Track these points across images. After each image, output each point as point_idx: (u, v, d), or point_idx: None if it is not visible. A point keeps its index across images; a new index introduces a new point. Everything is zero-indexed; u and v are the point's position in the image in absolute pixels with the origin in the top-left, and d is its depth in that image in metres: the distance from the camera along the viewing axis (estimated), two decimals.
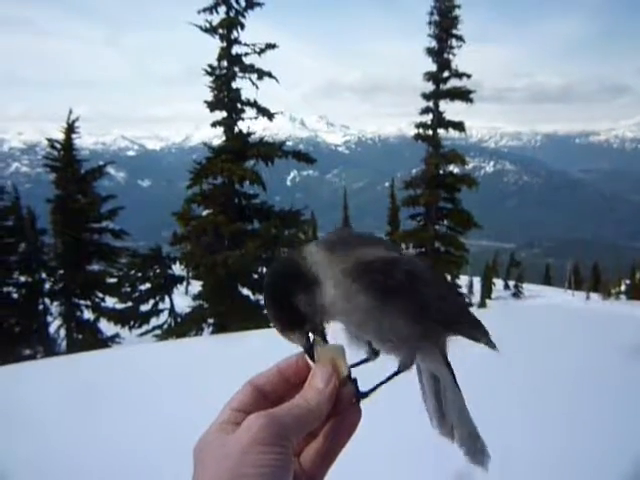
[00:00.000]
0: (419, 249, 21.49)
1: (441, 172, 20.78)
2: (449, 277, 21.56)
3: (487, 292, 51.45)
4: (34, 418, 3.94)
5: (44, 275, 17.19)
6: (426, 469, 3.09)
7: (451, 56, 20.61)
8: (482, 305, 44.42)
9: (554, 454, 3.33)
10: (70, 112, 17.77)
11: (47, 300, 17.14)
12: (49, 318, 17.16)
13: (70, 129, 17.66)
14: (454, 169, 21.25)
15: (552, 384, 4.77)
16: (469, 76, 20.64)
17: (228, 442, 0.49)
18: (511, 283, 58.04)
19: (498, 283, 58.56)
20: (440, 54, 20.56)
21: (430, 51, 20.63)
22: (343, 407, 0.59)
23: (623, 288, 56.23)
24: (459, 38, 20.51)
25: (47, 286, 17.23)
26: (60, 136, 17.66)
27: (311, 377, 0.58)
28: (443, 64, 20.58)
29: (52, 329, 17.15)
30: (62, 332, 17.13)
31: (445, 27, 20.36)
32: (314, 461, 0.57)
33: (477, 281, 53.28)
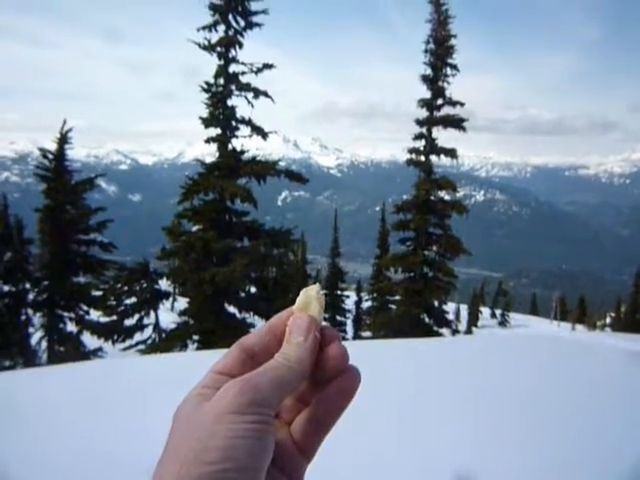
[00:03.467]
0: (408, 274, 21.51)
1: (432, 198, 20.92)
2: (436, 303, 21.57)
3: (474, 320, 51.59)
4: (18, 425, 3.86)
5: (28, 285, 16.96)
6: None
7: (445, 84, 20.91)
8: (468, 332, 44.49)
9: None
10: (64, 123, 17.71)
11: (30, 311, 16.89)
12: (31, 329, 16.89)
13: (63, 139, 17.59)
14: (445, 195, 21.40)
15: (540, 409, 4.75)
16: (462, 104, 20.91)
17: (202, 410, 0.46)
18: (498, 312, 58.21)
19: (485, 311, 58.77)
20: (435, 82, 20.84)
21: (425, 78, 20.91)
22: (334, 367, 0.51)
23: (608, 321, 56.56)
24: (454, 67, 20.83)
25: (30, 297, 16.99)
26: (53, 146, 17.59)
27: (289, 330, 0.52)
28: (437, 92, 20.86)
29: (34, 341, 16.86)
30: (44, 344, 16.84)
31: (440, 55, 20.68)
32: (306, 430, 0.52)
33: (464, 308, 53.43)
